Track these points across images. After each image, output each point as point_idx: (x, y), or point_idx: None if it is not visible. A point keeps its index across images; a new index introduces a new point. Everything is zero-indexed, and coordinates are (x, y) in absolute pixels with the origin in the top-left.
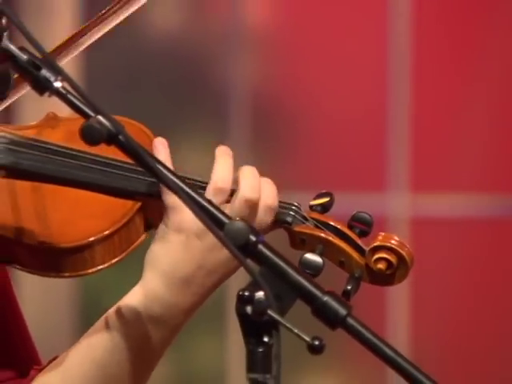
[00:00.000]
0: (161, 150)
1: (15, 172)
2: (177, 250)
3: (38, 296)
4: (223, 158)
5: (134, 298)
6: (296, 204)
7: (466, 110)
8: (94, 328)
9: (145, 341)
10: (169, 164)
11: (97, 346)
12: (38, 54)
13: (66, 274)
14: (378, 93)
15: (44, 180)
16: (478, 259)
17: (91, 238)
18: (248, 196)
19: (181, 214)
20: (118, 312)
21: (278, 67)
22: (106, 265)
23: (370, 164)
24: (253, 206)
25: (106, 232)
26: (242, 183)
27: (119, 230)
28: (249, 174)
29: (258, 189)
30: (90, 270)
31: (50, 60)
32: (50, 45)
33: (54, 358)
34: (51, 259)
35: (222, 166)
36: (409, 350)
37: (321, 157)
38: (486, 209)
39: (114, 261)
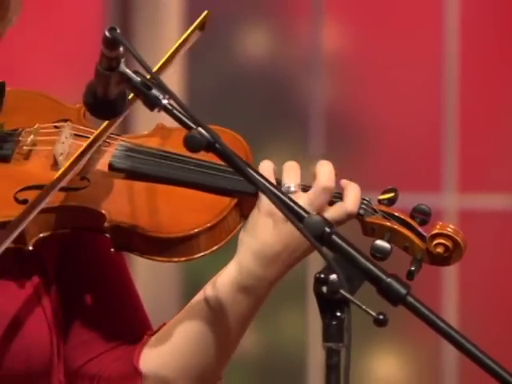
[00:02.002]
0: (266, 168)
1: (133, 174)
2: (266, 232)
3: (150, 275)
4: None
5: (229, 272)
6: (367, 199)
7: (509, 117)
8: (196, 298)
9: (237, 308)
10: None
11: (197, 313)
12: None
13: (176, 259)
14: (432, 106)
15: (157, 181)
16: None
17: (197, 229)
18: (325, 184)
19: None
20: (216, 284)
21: (349, 87)
22: (208, 251)
23: (425, 167)
24: (329, 193)
25: (209, 224)
26: (320, 174)
27: (220, 222)
28: (325, 167)
29: (333, 179)
30: (195, 256)
31: (158, 81)
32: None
33: (163, 325)
34: (164, 247)
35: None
36: (457, 326)
37: (384, 161)
38: None
39: (215, 247)
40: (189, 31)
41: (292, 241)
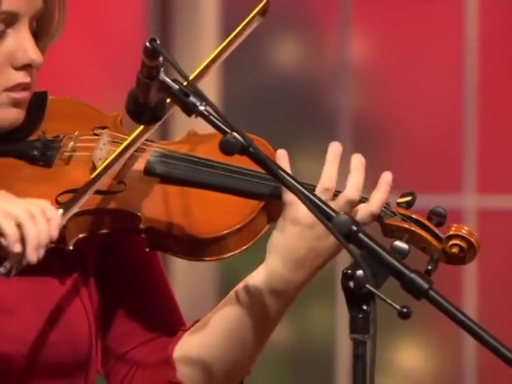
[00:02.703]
0: (283, 159)
1: (167, 179)
2: (293, 238)
3: (187, 274)
4: (330, 165)
5: (258, 275)
6: (386, 202)
7: None
8: (228, 298)
9: (266, 309)
10: (288, 170)
11: (229, 311)
12: (185, 82)
13: (207, 259)
14: (452, 112)
15: (189, 185)
16: None
17: (226, 231)
18: (350, 197)
19: (296, 210)
20: (246, 286)
21: (374, 94)
22: (237, 251)
23: (446, 170)
24: (353, 203)
25: (238, 226)
26: (348, 184)
27: (248, 224)
28: (355, 174)
29: (360, 190)
30: (224, 256)
31: (196, 89)
32: (195, 66)
33: (196, 321)
34: (195, 247)
35: (329, 171)
36: (476, 319)
37: (408, 164)
38: None
39: (243, 248)
40: (249, 17)
41: (316, 245)
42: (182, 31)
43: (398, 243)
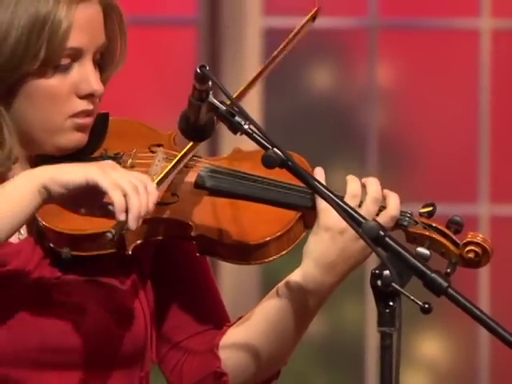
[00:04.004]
0: (320, 175)
1: (215, 192)
2: (325, 243)
3: (232, 276)
4: (352, 179)
5: (295, 277)
6: (409, 212)
7: None
8: (268, 296)
9: (302, 306)
10: (323, 182)
11: (270, 308)
12: (229, 102)
13: (252, 263)
14: (468, 130)
15: (235, 197)
16: None
17: (269, 238)
18: (394, 214)
19: (328, 217)
20: (285, 286)
21: (399, 115)
22: (278, 256)
23: (462, 182)
24: (394, 219)
25: (278, 233)
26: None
27: (287, 232)
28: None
29: (399, 208)
30: (267, 260)
31: (241, 110)
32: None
33: (240, 318)
34: (240, 252)
35: (353, 183)
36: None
37: (428, 177)
38: None
39: (283, 253)
40: (303, 23)
41: (347, 249)
42: (228, 59)
43: (420, 249)
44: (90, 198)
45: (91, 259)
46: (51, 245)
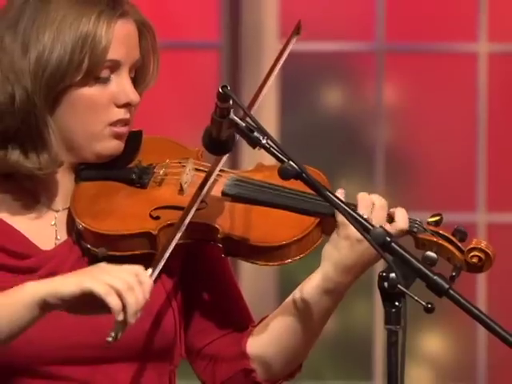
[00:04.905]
0: (341, 195)
1: (240, 199)
2: (345, 250)
3: (252, 278)
4: (363, 195)
5: (315, 278)
6: (418, 220)
7: None
8: (291, 297)
9: (321, 305)
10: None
11: (292, 308)
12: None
13: (271, 264)
14: (467, 146)
15: (258, 204)
16: None
17: (287, 241)
18: (404, 227)
19: (348, 228)
20: (305, 288)
21: (404, 132)
22: (296, 258)
23: (462, 193)
24: (404, 231)
25: (296, 238)
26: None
27: (305, 236)
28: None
29: (407, 221)
30: (285, 261)
31: (259, 126)
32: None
33: (264, 318)
34: (262, 253)
35: (364, 196)
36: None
37: (431, 188)
38: None
39: (302, 255)
40: (288, 39)
41: (363, 255)
42: (247, 80)
43: (428, 253)
44: (90, 302)
45: (124, 259)
46: (88, 245)
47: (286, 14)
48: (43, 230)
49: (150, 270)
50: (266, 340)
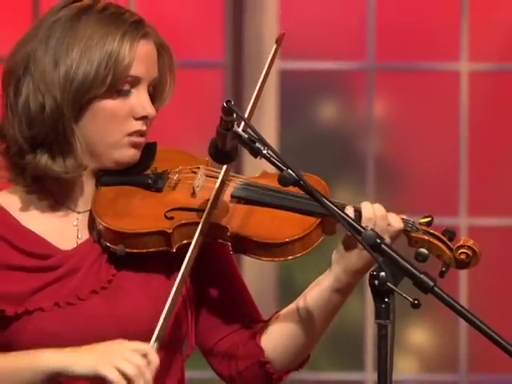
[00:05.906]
0: (349, 211)
1: (248, 201)
2: (353, 257)
3: (253, 275)
4: (367, 204)
5: (326, 279)
6: (411, 221)
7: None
8: (303, 294)
9: (331, 303)
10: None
11: (304, 304)
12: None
13: (276, 259)
14: (450, 155)
15: (264, 205)
16: None
17: (290, 239)
18: (399, 227)
19: (354, 240)
20: (317, 286)
21: (393, 143)
22: (298, 255)
23: (445, 198)
24: (400, 231)
25: (297, 236)
26: (392, 220)
27: (307, 235)
28: (392, 214)
29: (400, 220)
30: (288, 257)
31: (261, 138)
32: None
33: (274, 314)
34: (268, 250)
35: (368, 208)
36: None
37: (417, 194)
38: None
39: (303, 252)
40: (273, 51)
41: (370, 260)
42: (250, 96)
43: (420, 250)
44: (101, 381)
45: (141, 256)
46: (107, 243)
47: (286, 35)
48: (65, 229)
49: (155, 345)
50: (280, 334)
